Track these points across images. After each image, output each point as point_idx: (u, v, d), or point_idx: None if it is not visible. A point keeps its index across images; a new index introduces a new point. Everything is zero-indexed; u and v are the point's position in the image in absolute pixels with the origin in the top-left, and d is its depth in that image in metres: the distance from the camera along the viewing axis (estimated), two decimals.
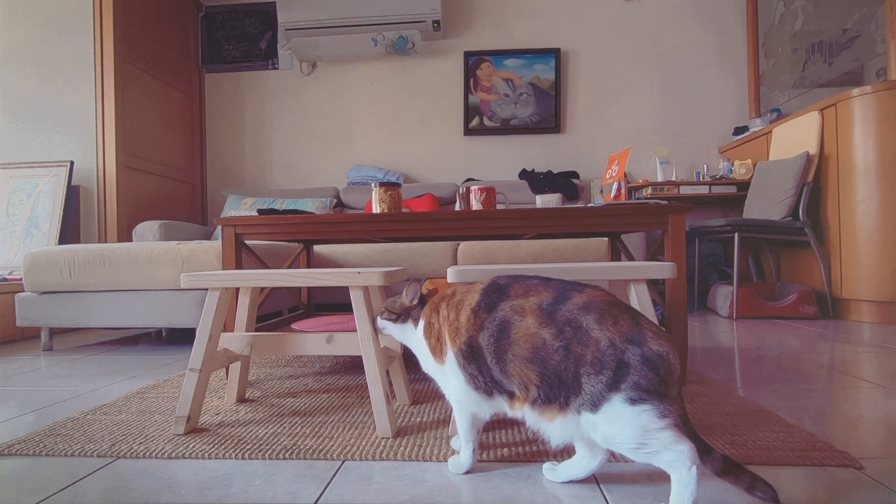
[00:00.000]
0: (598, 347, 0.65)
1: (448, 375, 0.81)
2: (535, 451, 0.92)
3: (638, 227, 1.36)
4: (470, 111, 3.72)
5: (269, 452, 0.94)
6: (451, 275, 1.03)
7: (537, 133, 3.69)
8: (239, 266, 1.50)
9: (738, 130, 3.44)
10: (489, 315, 0.73)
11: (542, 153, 3.71)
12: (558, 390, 0.67)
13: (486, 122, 3.71)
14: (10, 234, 2.88)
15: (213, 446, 0.97)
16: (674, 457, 0.62)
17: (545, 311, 0.69)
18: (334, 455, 0.92)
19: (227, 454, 0.93)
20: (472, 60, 3.71)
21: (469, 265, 1.06)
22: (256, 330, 1.55)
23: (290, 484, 0.82)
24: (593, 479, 0.81)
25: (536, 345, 0.68)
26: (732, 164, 3.32)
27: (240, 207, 3.33)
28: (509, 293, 0.74)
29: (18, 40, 3.01)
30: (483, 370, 0.75)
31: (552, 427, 0.69)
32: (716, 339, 2.05)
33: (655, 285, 2.80)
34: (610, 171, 1.72)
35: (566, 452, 0.90)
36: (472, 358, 0.75)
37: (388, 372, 1.20)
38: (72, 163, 2.91)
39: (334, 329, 1.55)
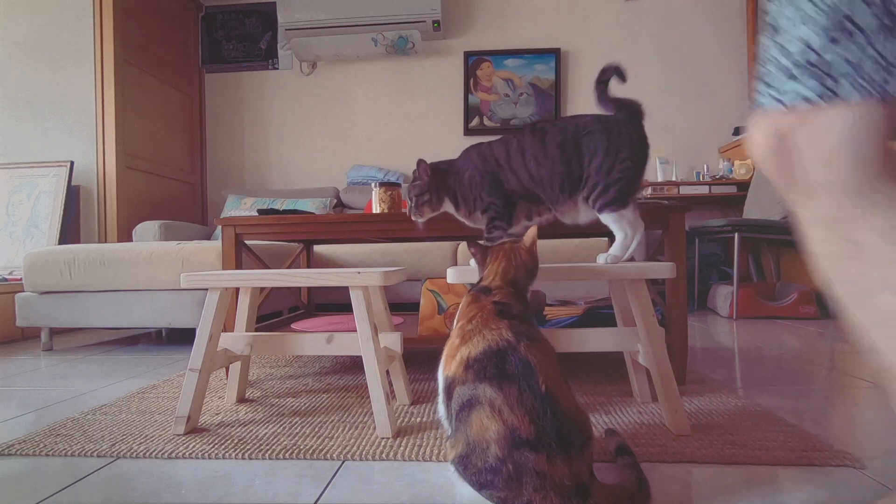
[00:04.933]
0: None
1: None
2: None
3: None
4: (470, 111, 3.72)
5: (269, 452, 0.94)
6: (451, 275, 1.03)
7: None
8: (239, 266, 1.50)
9: (739, 130, 3.44)
10: (473, 381, 0.70)
11: None
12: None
13: (487, 122, 3.71)
14: (10, 234, 2.88)
15: (213, 446, 0.97)
16: None
17: (507, 438, 0.65)
18: (334, 455, 0.92)
19: (227, 454, 0.93)
20: (472, 60, 3.71)
21: (469, 265, 1.06)
22: (256, 330, 1.55)
23: (290, 484, 0.82)
24: None
25: (481, 444, 0.66)
26: (732, 164, 3.32)
27: (240, 207, 3.33)
28: (502, 383, 0.68)
29: (18, 40, 3.01)
30: (447, 405, 0.76)
31: None
32: (716, 340, 2.05)
33: (655, 285, 2.80)
34: None
35: None
36: (446, 393, 0.77)
37: (388, 372, 1.20)
38: (72, 163, 2.91)
39: (334, 329, 1.55)
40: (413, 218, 1.16)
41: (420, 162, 1.13)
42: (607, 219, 1.03)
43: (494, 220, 1.08)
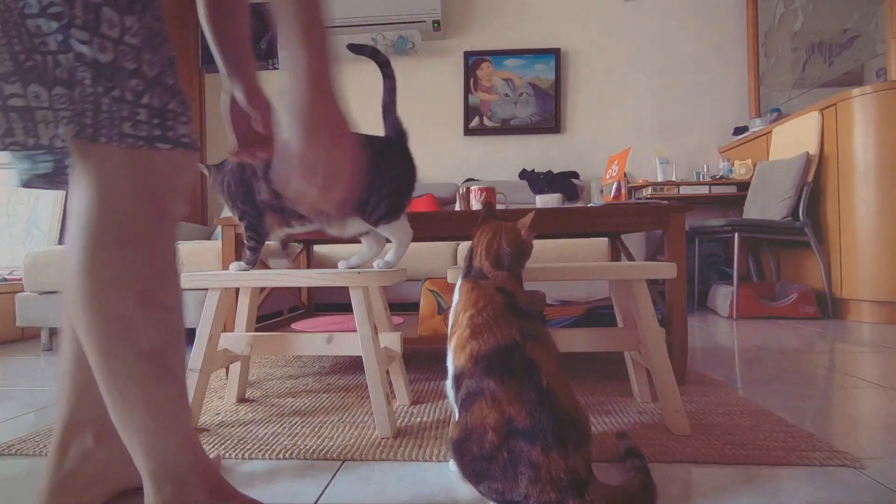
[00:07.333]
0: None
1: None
2: None
3: (638, 227, 1.36)
4: (470, 111, 3.72)
5: (269, 452, 0.94)
6: (451, 275, 1.03)
7: (537, 133, 3.69)
8: None
9: (738, 130, 3.44)
10: (479, 376, 0.72)
11: (542, 153, 3.71)
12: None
13: (486, 122, 3.71)
14: (10, 234, 2.88)
15: (213, 446, 0.97)
16: None
17: (504, 427, 0.67)
18: (334, 455, 0.92)
19: (227, 454, 0.93)
20: (472, 60, 3.71)
21: None
22: (256, 330, 1.55)
23: (290, 484, 0.82)
24: None
25: (479, 430, 0.68)
26: (732, 164, 3.32)
27: None
28: (505, 378, 0.70)
29: None
30: (455, 392, 0.77)
31: None
32: (716, 340, 2.05)
33: (655, 285, 2.80)
34: (610, 171, 1.72)
35: None
36: (455, 382, 0.77)
37: (388, 372, 1.20)
38: None
39: (334, 329, 1.55)
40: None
41: (209, 166, 1.14)
42: (384, 230, 1.10)
43: (248, 231, 1.10)
